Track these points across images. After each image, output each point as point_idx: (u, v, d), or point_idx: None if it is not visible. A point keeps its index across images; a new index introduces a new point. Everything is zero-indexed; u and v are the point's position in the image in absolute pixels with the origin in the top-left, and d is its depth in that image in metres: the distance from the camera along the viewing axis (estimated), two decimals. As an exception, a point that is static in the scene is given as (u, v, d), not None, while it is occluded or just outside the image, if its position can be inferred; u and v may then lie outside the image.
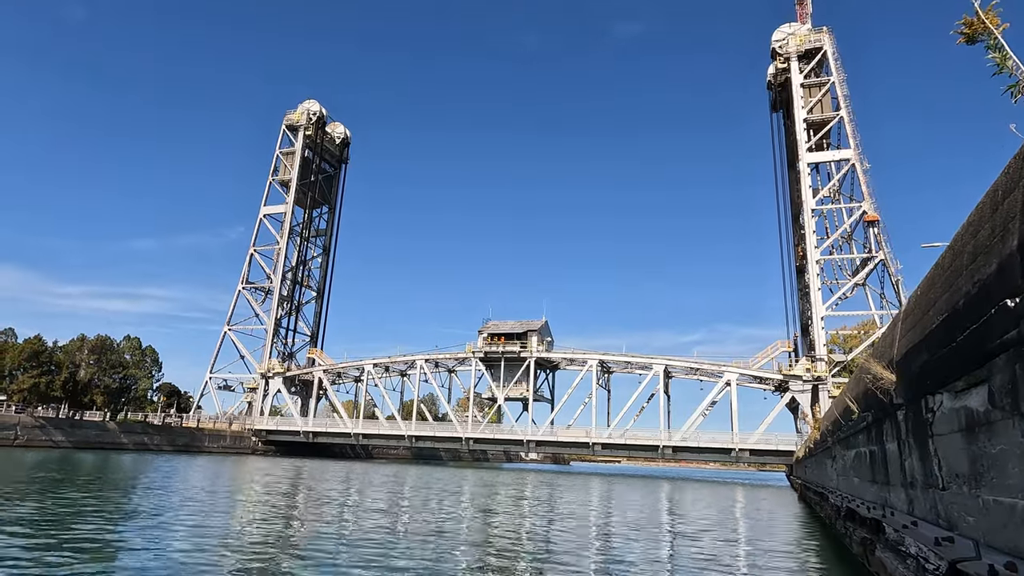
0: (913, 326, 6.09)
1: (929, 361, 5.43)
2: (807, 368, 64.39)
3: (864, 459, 10.20)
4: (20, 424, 63.10)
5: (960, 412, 4.86)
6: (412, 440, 78.99)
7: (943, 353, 4.97)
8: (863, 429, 9.85)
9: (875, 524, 9.02)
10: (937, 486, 5.67)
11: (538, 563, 11.22)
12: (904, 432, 6.82)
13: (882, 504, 8.63)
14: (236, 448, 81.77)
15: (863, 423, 9.60)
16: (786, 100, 78.43)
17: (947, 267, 5.06)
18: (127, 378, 78.75)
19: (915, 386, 6.05)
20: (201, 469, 39.27)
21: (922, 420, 5.90)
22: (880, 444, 8.48)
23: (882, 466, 8.46)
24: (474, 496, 27.51)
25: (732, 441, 64.76)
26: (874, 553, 8.99)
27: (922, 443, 6.03)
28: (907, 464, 6.85)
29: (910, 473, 6.74)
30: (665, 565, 11.79)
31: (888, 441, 7.84)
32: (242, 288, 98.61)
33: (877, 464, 8.86)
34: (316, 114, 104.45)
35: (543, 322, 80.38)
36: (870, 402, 8.54)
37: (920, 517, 6.39)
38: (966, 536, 4.90)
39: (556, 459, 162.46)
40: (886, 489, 8.33)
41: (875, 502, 9.25)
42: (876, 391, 7.64)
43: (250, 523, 14.75)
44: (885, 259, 65.63)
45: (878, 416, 8.31)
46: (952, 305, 4.70)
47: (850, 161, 69.82)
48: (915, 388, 6.05)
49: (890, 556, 7.77)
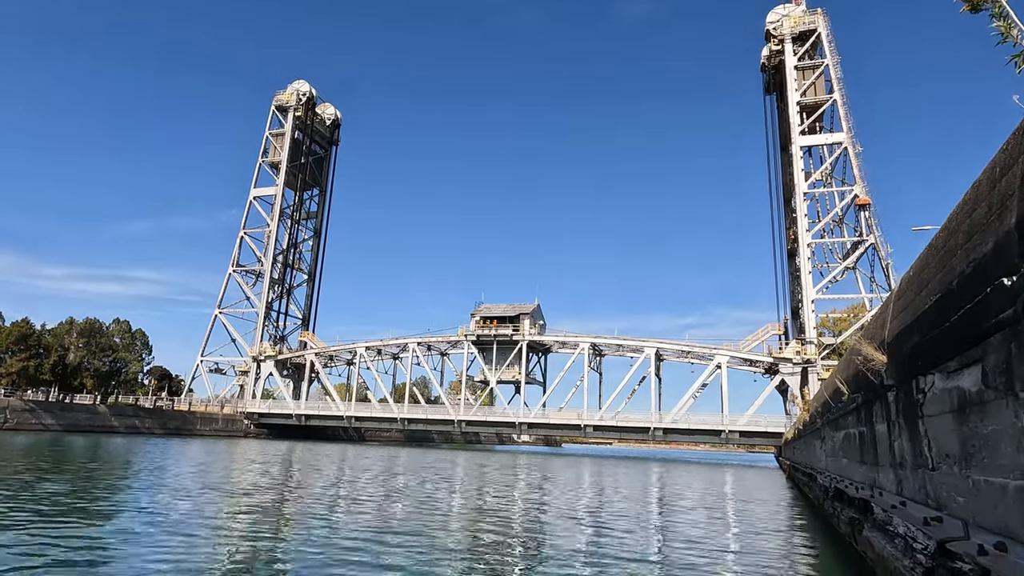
0: (905, 307, 6.06)
1: (921, 342, 5.39)
2: (797, 351, 64.95)
3: (853, 440, 10.20)
4: (9, 408, 62.69)
5: (952, 393, 4.82)
6: (405, 423, 79.27)
7: (936, 333, 4.92)
8: (853, 410, 9.87)
9: (863, 504, 9.08)
10: (927, 466, 5.66)
11: (528, 542, 11.26)
12: (894, 413, 6.82)
13: (871, 484, 8.68)
14: (228, 431, 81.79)
15: (853, 404, 9.63)
16: (780, 83, 78.15)
17: (941, 247, 5.00)
18: (117, 361, 78.32)
19: (906, 367, 6.03)
20: (194, 452, 39.25)
21: (913, 401, 5.89)
22: (870, 425, 8.48)
23: (871, 447, 8.47)
24: (466, 478, 27.68)
25: (722, 423, 65.43)
26: (862, 533, 9.02)
27: (912, 424, 6.03)
28: (896, 445, 6.85)
29: (899, 454, 6.74)
30: (653, 545, 11.73)
31: (878, 422, 7.85)
32: (232, 271, 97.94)
33: (866, 445, 8.88)
34: (306, 95, 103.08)
35: (535, 305, 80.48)
36: (860, 383, 8.55)
37: (909, 497, 6.42)
38: (955, 516, 4.90)
39: (548, 441, 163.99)
40: (875, 470, 8.35)
41: (864, 483, 9.28)
42: (867, 372, 7.65)
43: (244, 506, 14.75)
44: (875, 243, 65.99)
45: (868, 397, 8.31)
46: (946, 285, 4.65)
47: (843, 144, 69.85)
48: (906, 369, 6.04)
49: (878, 536, 7.79)
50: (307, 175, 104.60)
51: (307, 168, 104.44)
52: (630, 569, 9.09)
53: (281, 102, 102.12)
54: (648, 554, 10.60)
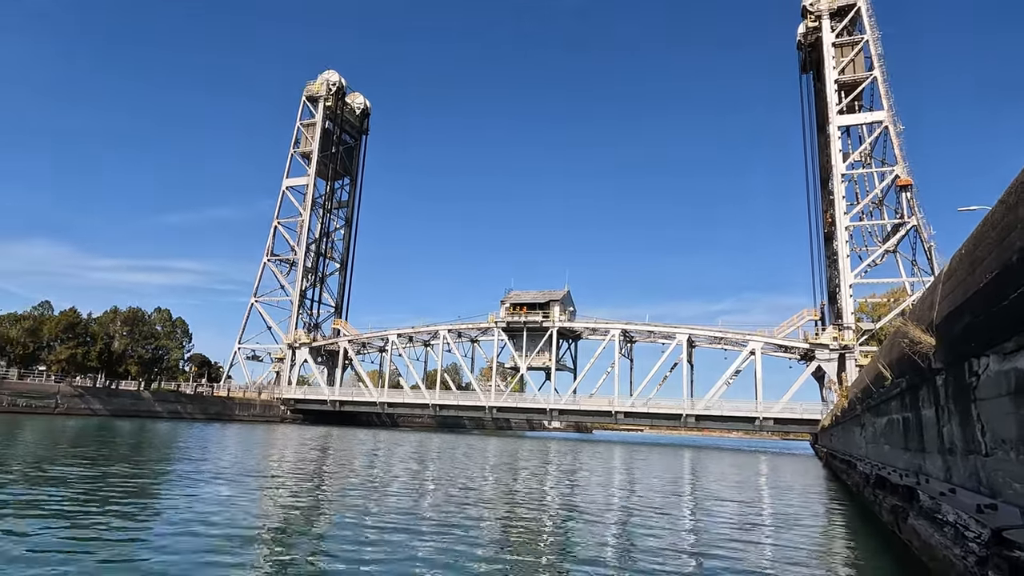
0: (956, 286, 5.86)
1: (974, 322, 5.21)
2: (834, 336, 63.44)
3: (896, 426, 9.95)
4: (60, 393, 65.39)
5: (1009, 375, 4.65)
6: (436, 409, 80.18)
7: (991, 313, 4.76)
8: (896, 395, 9.62)
9: (908, 492, 8.89)
10: (979, 452, 5.47)
11: (562, 528, 11.22)
12: (943, 397, 6.63)
13: (915, 471, 8.46)
14: (266, 416, 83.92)
15: (896, 389, 9.38)
16: (816, 61, 75.69)
17: (998, 222, 4.79)
18: (159, 348, 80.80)
19: (957, 349, 5.86)
20: (236, 436, 40.41)
21: (964, 384, 5.71)
22: (915, 410, 8.26)
23: (916, 433, 8.25)
24: (499, 463, 27.86)
25: (756, 410, 64.46)
26: (906, 521, 8.85)
27: (963, 408, 5.84)
28: (945, 430, 6.66)
29: (948, 439, 6.55)
30: (689, 532, 11.55)
31: (924, 407, 7.64)
32: (267, 260, 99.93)
33: (911, 431, 8.65)
34: (336, 84, 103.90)
35: (565, 292, 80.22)
36: (904, 367, 8.32)
37: (959, 484, 6.22)
38: (1011, 503, 4.74)
39: (578, 427, 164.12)
40: (920, 456, 8.14)
41: (908, 469, 9.07)
42: (913, 356, 7.42)
43: (286, 487, 15.14)
44: (918, 224, 63.78)
45: (913, 382, 8.11)
46: (1003, 262, 4.47)
47: (883, 123, 67.45)
48: (957, 351, 5.86)
49: (924, 524, 7.63)
50: (338, 164, 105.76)
51: (338, 157, 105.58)
52: (666, 555, 9.00)
53: (312, 92, 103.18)
54: (683, 541, 10.48)
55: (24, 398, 61.83)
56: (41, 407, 62.21)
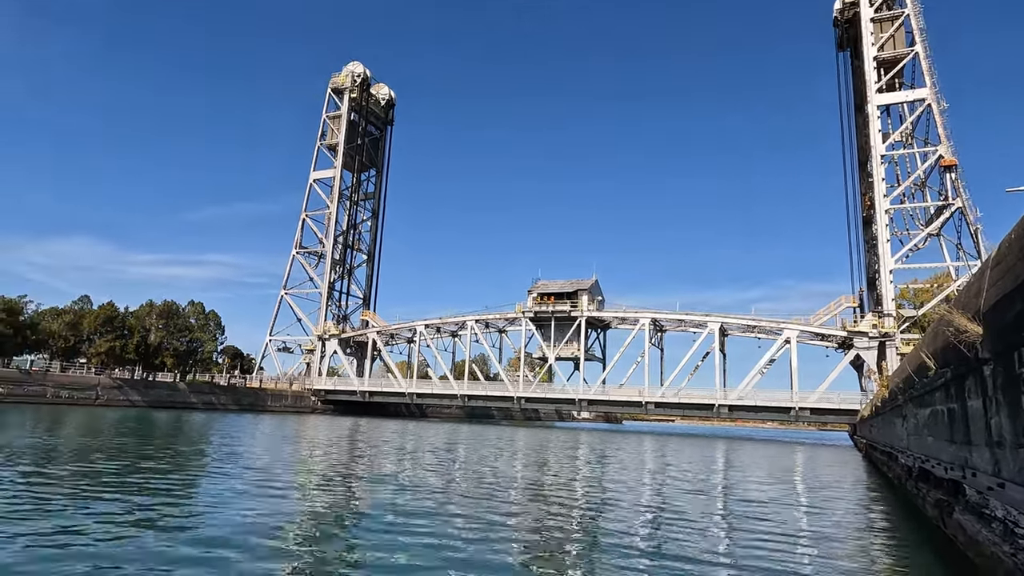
0: (1006, 272, 5.60)
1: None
2: (874, 324, 61.33)
3: (941, 417, 9.69)
4: (100, 385, 67.14)
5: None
6: (465, 399, 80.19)
7: None
8: (940, 386, 9.38)
9: (953, 485, 8.61)
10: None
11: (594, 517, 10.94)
12: (991, 388, 6.42)
13: (961, 465, 8.21)
14: (297, 407, 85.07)
15: (940, 380, 9.15)
16: (854, 37, 72.83)
17: None
18: (193, 341, 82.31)
19: (1007, 338, 5.66)
20: (270, 426, 40.82)
21: (1014, 375, 5.53)
22: (961, 401, 8.02)
23: (962, 424, 8.01)
24: (528, 452, 27.47)
25: (792, 400, 62.83)
26: (951, 515, 8.57)
27: (1013, 399, 5.65)
28: (993, 422, 6.43)
29: (997, 432, 6.32)
30: (725, 523, 11.34)
31: (971, 398, 7.41)
32: (296, 253, 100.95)
33: (956, 422, 8.42)
34: (360, 76, 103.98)
35: (593, 281, 79.21)
36: (949, 357, 8.10)
37: (1008, 479, 6.01)
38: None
39: (608, 418, 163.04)
40: (966, 449, 7.89)
41: (953, 463, 8.83)
42: (958, 345, 7.13)
43: (320, 476, 14.96)
44: (963, 206, 61.08)
45: (959, 372, 7.87)
46: None
47: (925, 101, 64.60)
48: (1007, 340, 5.67)
49: (971, 519, 7.32)
50: (364, 156, 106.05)
51: (364, 149, 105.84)
52: (704, 547, 8.77)
53: (337, 84, 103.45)
54: (721, 534, 10.18)
55: (67, 390, 63.63)
56: (82, 399, 63.95)
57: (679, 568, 7.63)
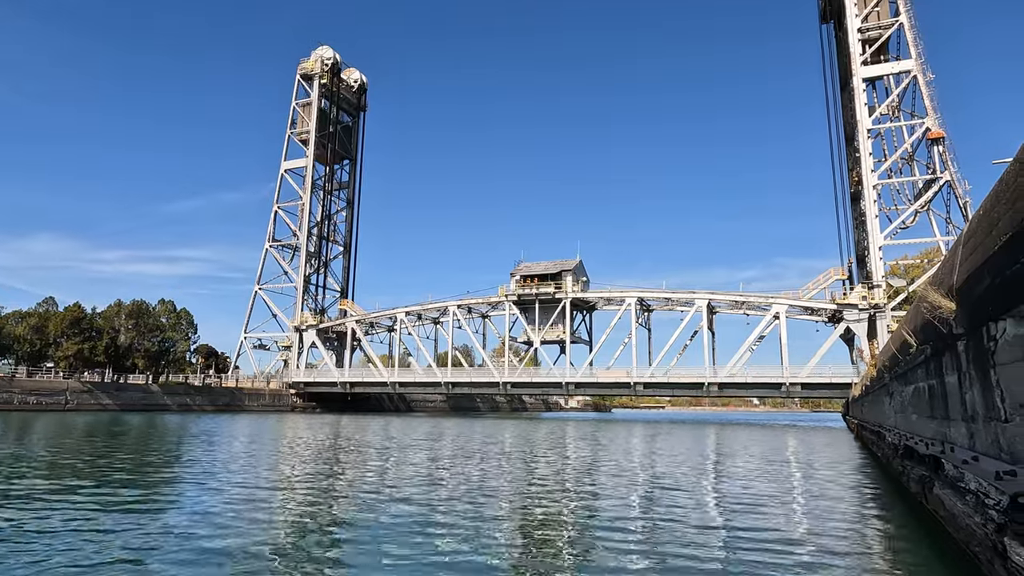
0: (975, 248, 5.60)
1: (991, 285, 5.13)
2: (863, 296, 60.54)
3: (922, 394, 9.86)
4: (69, 389, 63.97)
5: (1029, 338, 4.20)
6: (449, 387, 78.15)
7: (1007, 275, 4.72)
8: (921, 363, 9.56)
9: (934, 461, 8.78)
10: (999, 418, 5.43)
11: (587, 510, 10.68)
12: (964, 363, 6.55)
13: (941, 440, 8.42)
14: (275, 406, 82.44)
15: (921, 356, 9.31)
16: (837, 9, 71.44)
17: (1012, 182, 4.58)
18: (165, 341, 79.22)
19: (976, 313, 5.79)
20: (247, 427, 38.64)
21: (983, 349, 5.67)
22: (939, 378, 8.17)
23: (941, 401, 8.19)
24: (516, 444, 25.89)
25: (782, 375, 61.93)
26: (932, 491, 8.68)
27: (983, 374, 5.80)
28: (968, 397, 6.57)
29: (971, 406, 6.49)
30: (717, 504, 11.50)
31: (948, 374, 7.55)
32: (269, 246, 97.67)
33: (936, 399, 8.59)
34: (330, 60, 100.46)
35: (577, 261, 77.50)
36: (929, 334, 8.22)
37: (981, 452, 6.19)
38: (1034, 469, 4.43)
39: (597, 406, 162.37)
40: (945, 424, 8.08)
41: (934, 439, 9.02)
42: (935, 321, 7.29)
43: (297, 480, 13.25)
44: (951, 180, 60.28)
45: (937, 348, 8.01)
46: (1016, 223, 4.37)
47: (911, 73, 63.48)
48: (976, 315, 5.80)
49: (948, 493, 7.43)
50: (336, 144, 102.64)
51: (336, 137, 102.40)
52: (692, 532, 8.81)
53: (306, 70, 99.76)
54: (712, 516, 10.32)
55: (35, 396, 60.46)
56: (52, 404, 60.81)
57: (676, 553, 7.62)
